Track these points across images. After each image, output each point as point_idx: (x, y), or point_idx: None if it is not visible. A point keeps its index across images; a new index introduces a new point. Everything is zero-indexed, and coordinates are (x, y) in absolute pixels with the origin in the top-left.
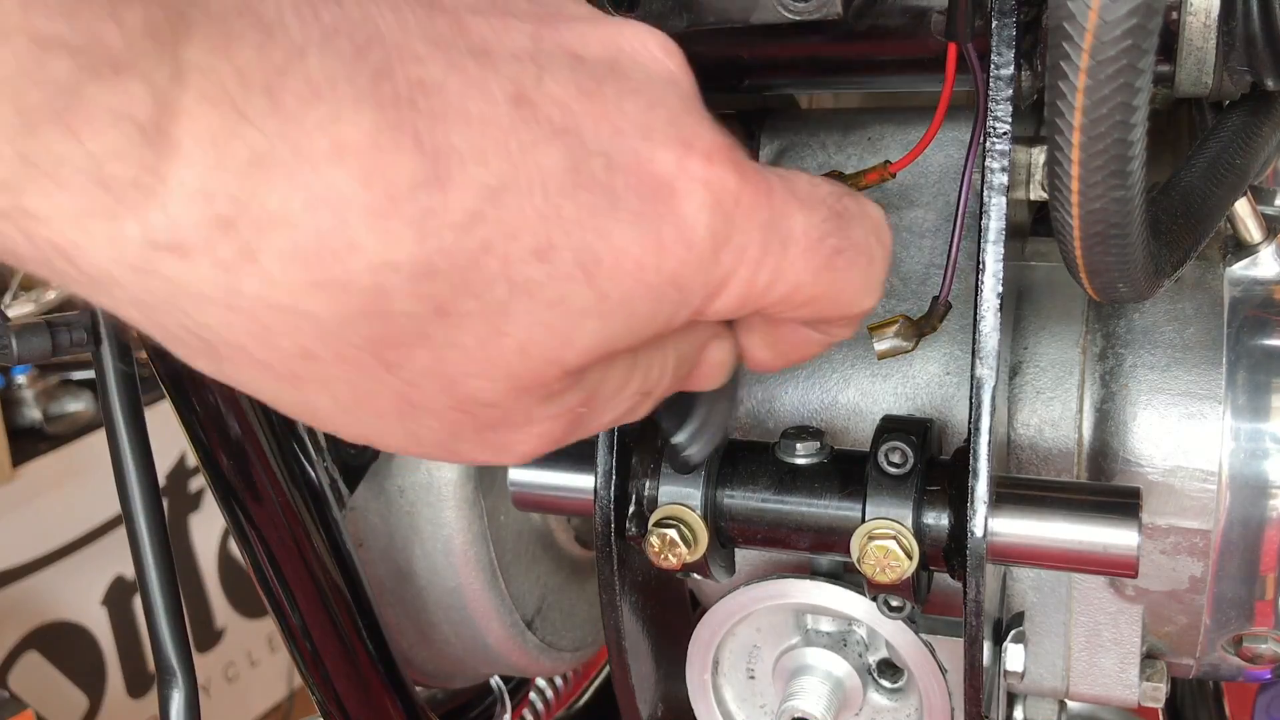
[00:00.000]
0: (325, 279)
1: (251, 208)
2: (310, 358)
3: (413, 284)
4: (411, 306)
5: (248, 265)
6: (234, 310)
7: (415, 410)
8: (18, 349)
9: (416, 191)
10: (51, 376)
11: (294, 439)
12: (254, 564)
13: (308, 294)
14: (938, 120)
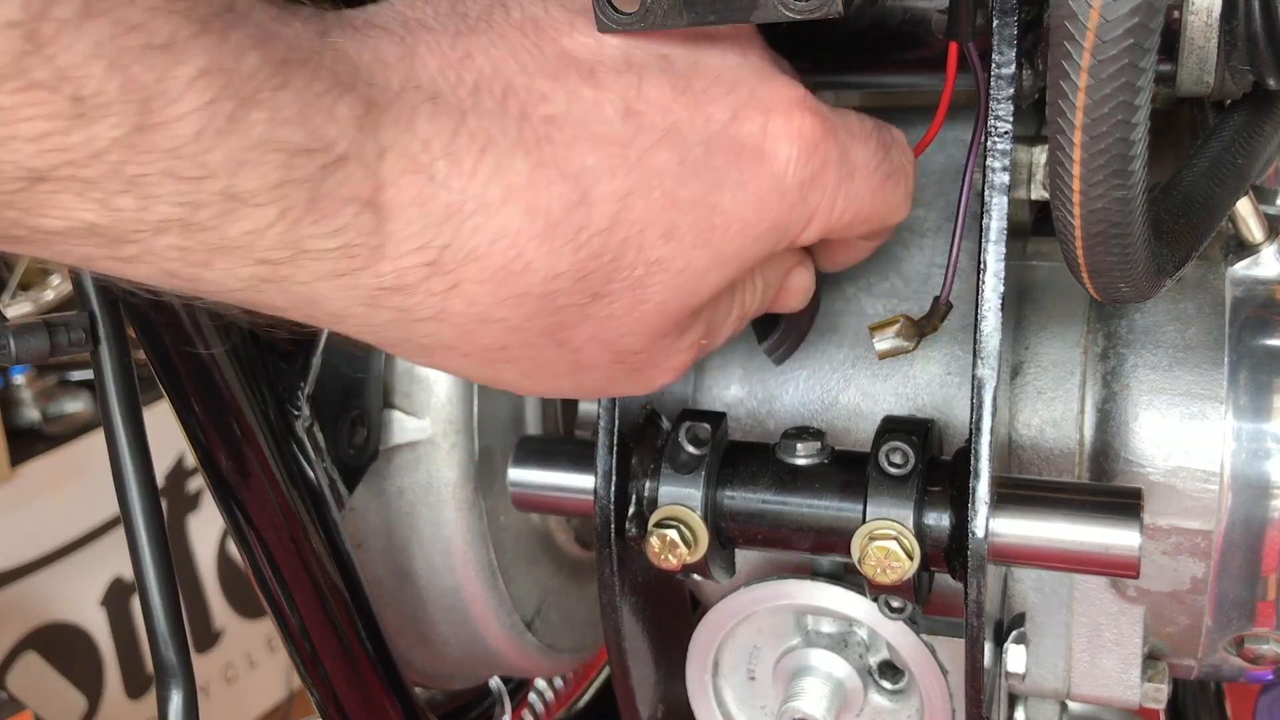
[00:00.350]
0: (510, 294)
1: (451, 249)
2: (502, 348)
3: (574, 284)
4: (575, 299)
5: (452, 291)
6: (443, 323)
7: (583, 369)
8: (16, 349)
9: (569, 214)
10: (50, 377)
11: (293, 439)
12: (253, 565)
13: (498, 306)
14: (939, 119)
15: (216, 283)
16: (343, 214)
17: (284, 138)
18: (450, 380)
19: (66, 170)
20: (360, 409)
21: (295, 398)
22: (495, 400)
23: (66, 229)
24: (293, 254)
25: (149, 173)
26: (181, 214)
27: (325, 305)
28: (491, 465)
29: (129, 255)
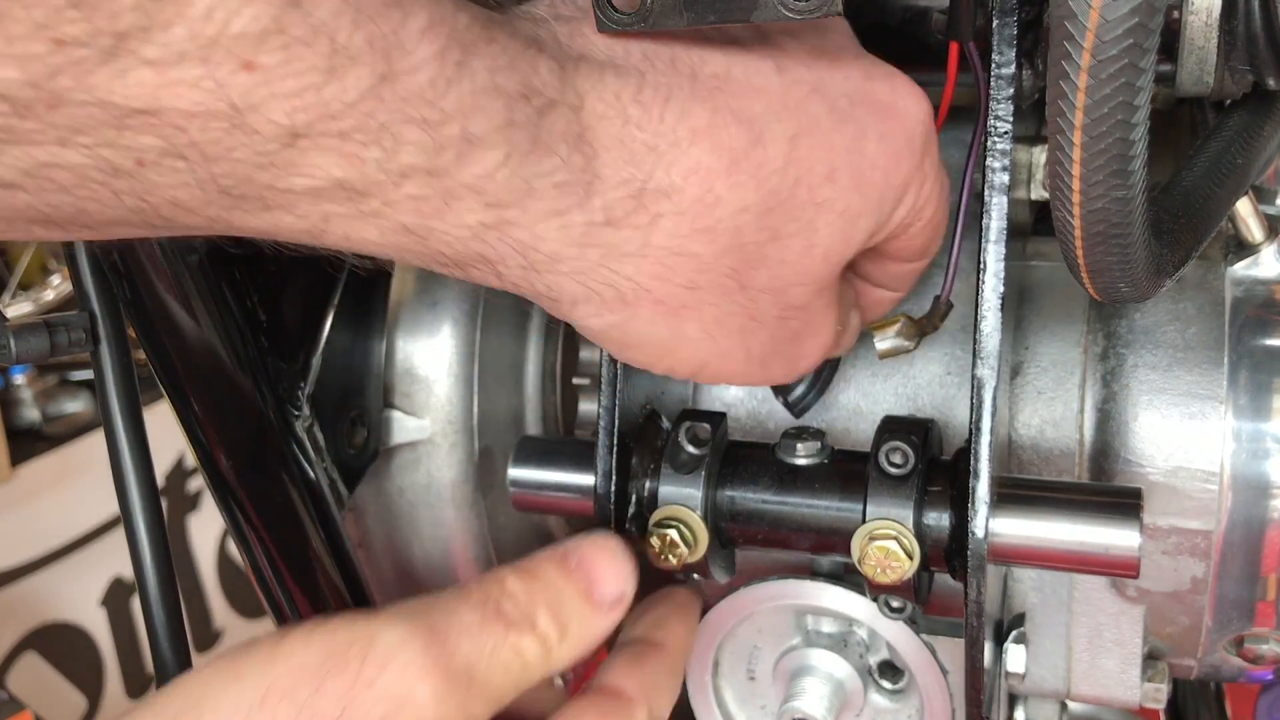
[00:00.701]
0: (703, 226)
1: (651, 184)
2: (694, 287)
3: (758, 219)
4: (758, 236)
5: (653, 225)
6: (645, 258)
7: (754, 324)
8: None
9: (748, 152)
10: (50, 377)
11: (293, 439)
12: (253, 565)
13: (693, 238)
14: (941, 118)
15: (445, 234)
16: (558, 152)
17: (502, 84)
18: (450, 380)
19: (321, 125)
20: (360, 409)
21: (295, 398)
22: (495, 400)
23: (314, 188)
24: (517, 195)
25: (394, 120)
26: (423, 160)
27: (541, 248)
28: (491, 465)
29: (370, 209)
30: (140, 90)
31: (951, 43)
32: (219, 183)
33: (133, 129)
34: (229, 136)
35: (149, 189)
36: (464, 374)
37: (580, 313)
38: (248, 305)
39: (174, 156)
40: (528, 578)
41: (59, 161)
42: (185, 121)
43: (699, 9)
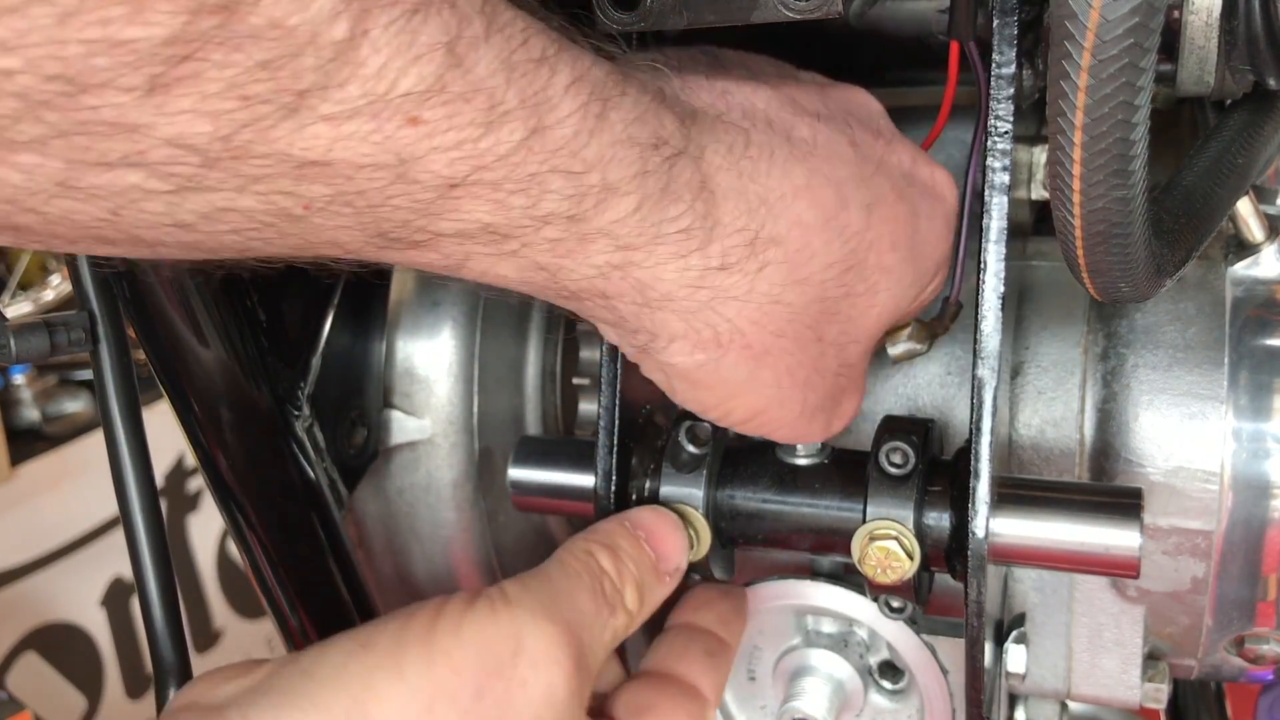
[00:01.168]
0: (798, 278)
1: (762, 234)
2: (780, 335)
3: (839, 276)
4: (836, 291)
5: (760, 273)
6: (746, 303)
7: (816, 377)
8: (16, 349)
9: (836, 213)
10: (50, 376)
11: (293, 439)
12: (253, 565)
13: (790, 288)
14: (943, 116)
15: (574, 272)
16: (684, 199)
17: (635, 134)
18: (450, 380)
19: (476, 175)
20: (360, 409)
21: (295, 398)
22: (495, 400)
23: (460, 230)
24: (646, 239)
25: (541, 171)
26: (564, 207)
27: (659, 287)
28: (491, 465)
29: (509, 250)
30: (316, 143)
31: (952, 42)
32: (379, 226)
33: (306, 179)
34: (392, 186)
35: (312, 231)
36: (464, 374)
37: (673, 350)
38: (248, 305)
39: (340, 203)
40: (614, 556)
41: (234, 206)
42: (354, 172)
43: (698, 9)
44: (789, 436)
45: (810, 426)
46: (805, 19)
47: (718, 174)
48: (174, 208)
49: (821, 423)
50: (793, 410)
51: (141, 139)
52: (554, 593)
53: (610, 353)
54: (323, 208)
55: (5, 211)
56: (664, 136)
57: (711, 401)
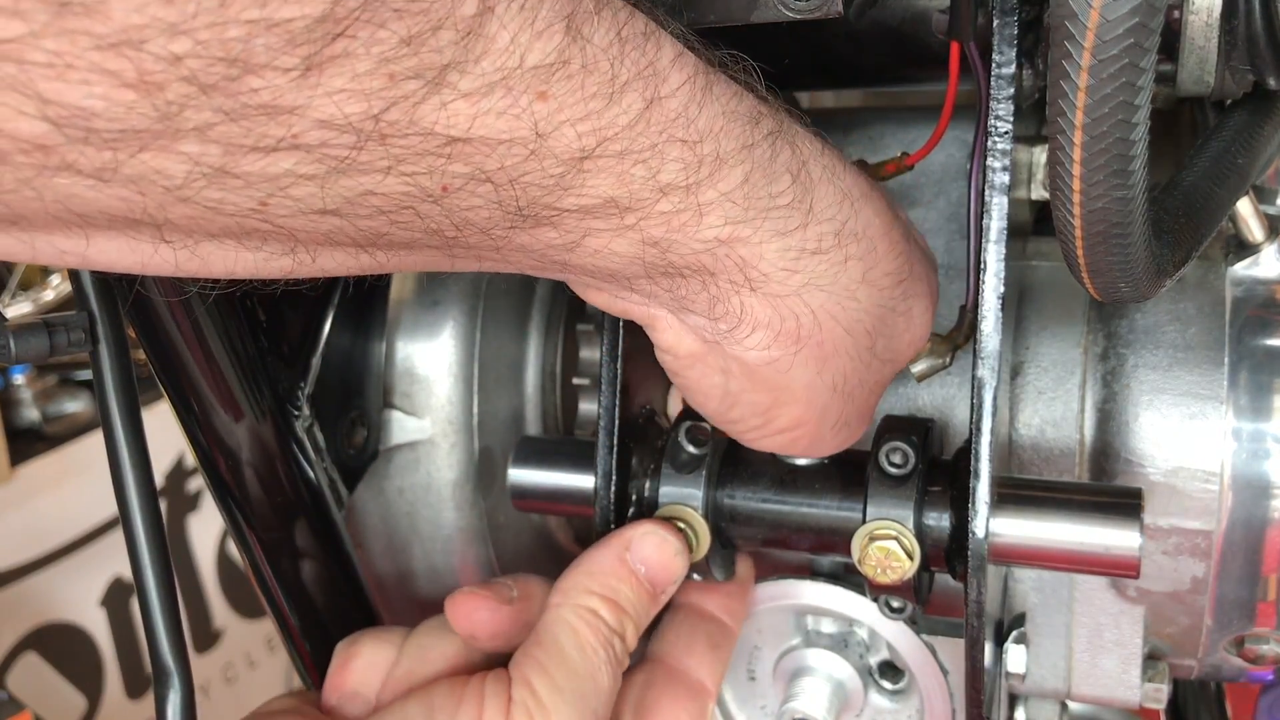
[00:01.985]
0: (870, 278)
1: (847, 227)
2: (850, 334)
3: (893, 286)
4: (890, 303)
5: (845, 264)
6: (830, 295)
7: (860, 390)
8: (15, 349)
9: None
10: (50, 377)
11: (293, 439)
12: (252, 565)
13: (863, 286)
14: (945, 115)
15: (684, 246)
16: (786, 178)
17: (738, 109)
18: (450, 380)
19: (603, 147)
20: (360, 409)
21: (295, 398)
22: (495, 400)
23: (583, 205)
24: (755, 212)
25: (660, 141)
26: (681, 176)
27: (758, 266)
28: (491, 465)
29: (628, 224)
30: (458, 120)
31: (952, 43)
32: (516, 203)
33: (448, 157)
34: (526, 162)
35: (449, 212)
36: (464, 374)
37: (752, 340)
38: (248, 305)
39: (479, 181)
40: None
41: (379, 189)
42: (492, 149)
43: (699, 9)
44: (807, 449)
45: (831, 441)
46: (805, 19)
47: (811, 161)
48: (323, 191)
49: (842, 439)
50: (829, 422)
51: (297, 121)
52: (579, 682)
53: (610, 352)
54: (460, 187)
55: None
56: (762, 114)
57: (763, 405)
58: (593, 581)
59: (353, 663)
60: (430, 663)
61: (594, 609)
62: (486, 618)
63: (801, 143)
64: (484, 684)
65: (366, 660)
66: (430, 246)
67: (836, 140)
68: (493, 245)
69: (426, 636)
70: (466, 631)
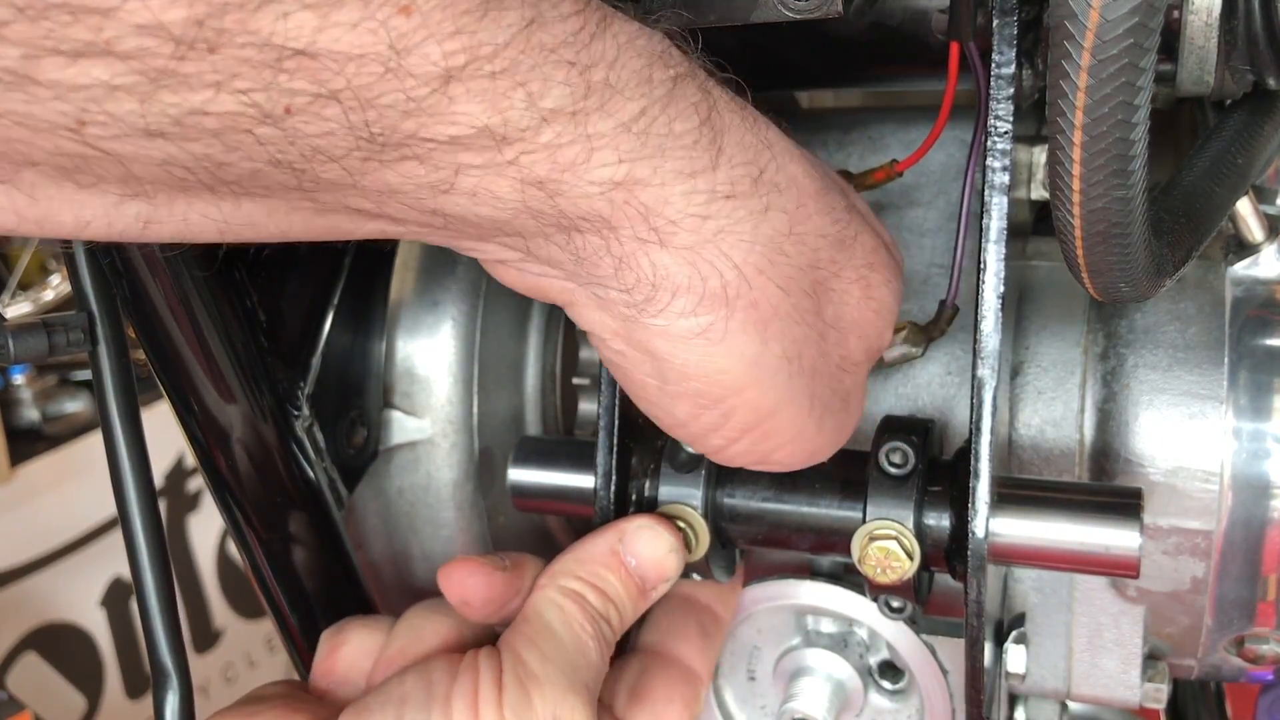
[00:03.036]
0: (798, 232)
1: (765, 175)
2: (785, 291)
3: (830, 251)
4: (830, 267)
5: (765, 213)
6: (752, 245)
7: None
8: (15, 349)
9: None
10: (49, 377)
11: (293, 439)
12: (253, 565)
13: (790, 240)
14: (942, 118)
15: (574, 189)
16: (692, 117)
17: (641, 47)
18: (450, 380)
19: (473, 67)
20: (360, 409)
21: (295, 398)
22: (495, 400)
23: (455, 136)
24: (652, 150)
25: (543, 62)
26: (568, 103)
27: (663, 213)
28: (491, 465)
29: (506, 159)
30: (300, 32)
31: (952, 43)
32: (368, 129)
33: (288, 72)
34: (382, 81)
35: (293, 136)
36: (464, 374)
37: (675, 308)
38: (248, 305)
39: (325, 100)
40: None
41: (211, 109)
42: (341, 65)
43: (699, 9)
44: (787, 457)
45: (822, 432)
46: (805, 18)
47: (725, 110)
48: (146, 108)
49: (829, 431)
50: (802, 409)
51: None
52: (568, 656)
53: None
54: (304, 107)
55: None
56: (670, 57)
57: (711, 395)
58: (581, 568)
59: (341, 649)
60: (423, 641)
61: (579, 592)
62: (480, 583)
63: (715, 90)
64: (478, 658)
65: (355, 645)
66: (289, 188)
67: (836, 140)
68: (351, 183)
69: (418, 617)
70: (459, 598)
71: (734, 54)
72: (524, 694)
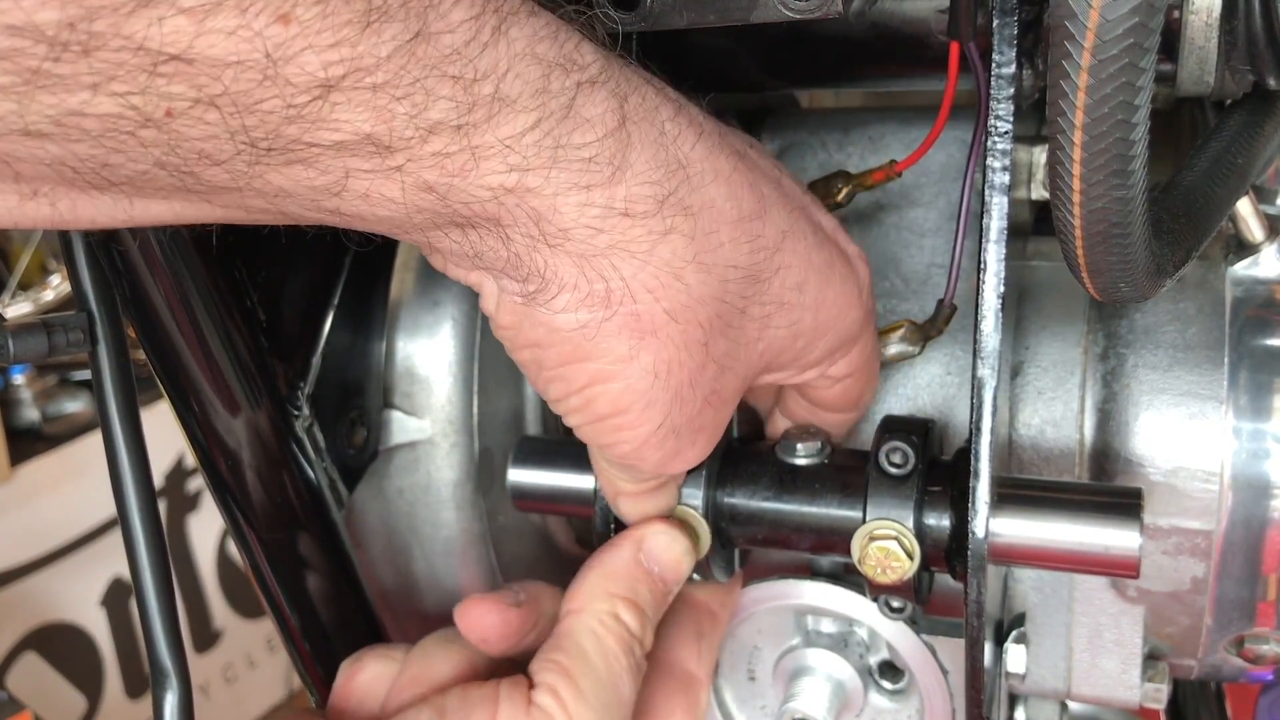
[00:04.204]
0: (704, 261)
1: (673, 199)
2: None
3: (740, 286)
4: (736, 302)
5: (666, 237)
6: (645, 265)
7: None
8: (15, 349)
9: (752, 219)
10: (50, 377)
11: (293, 439)
12: (253, 565)
13: (692, 268)
14: (942, 118)
15: (464, 193)
16: (592, 130)
17: (541, 52)
18: (450, 380)
19: (353, 79)
20: (360, 409)
21: (295, 398)
22: (495, 400)
23: (339, 142)
24: (543, 162)
25: (427, 76)
26: (453, 116)
27: (555, 221)
28: (491, 465)
29: (393, 165)
30: (177, 37)
31: (952, 43)
32: (249, 134)
33: (165, 76)
34: (261, 88)
35: (176, 140)
36: (464, 374)
37: (559, 302)
38: (248, 305)
39: (205, 105)
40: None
41: (89, 110)
42: (219, 71)
43: (699, 9)
44: (628, 453)
45: (657, 450)
46: (805, 18)
47: (639, 122)
48: (23, 108)
49: (669, 450)
50: (653, 419)
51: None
52: (603, 690)
53: None
54: (185, 111)
55: None
56: (578, 62)
57: (578, 382)
58: (611, 584)
59: (357, 676)
60: (437, 670)
61: (616, 613)
62: (496, 620)
63: (636, 103)
64: (499, 689)
65: (371, 673)
66: (182, 190)
67: (836, 140)
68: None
69: (432, 644)
70: (477, 636)
71: (733, 54)
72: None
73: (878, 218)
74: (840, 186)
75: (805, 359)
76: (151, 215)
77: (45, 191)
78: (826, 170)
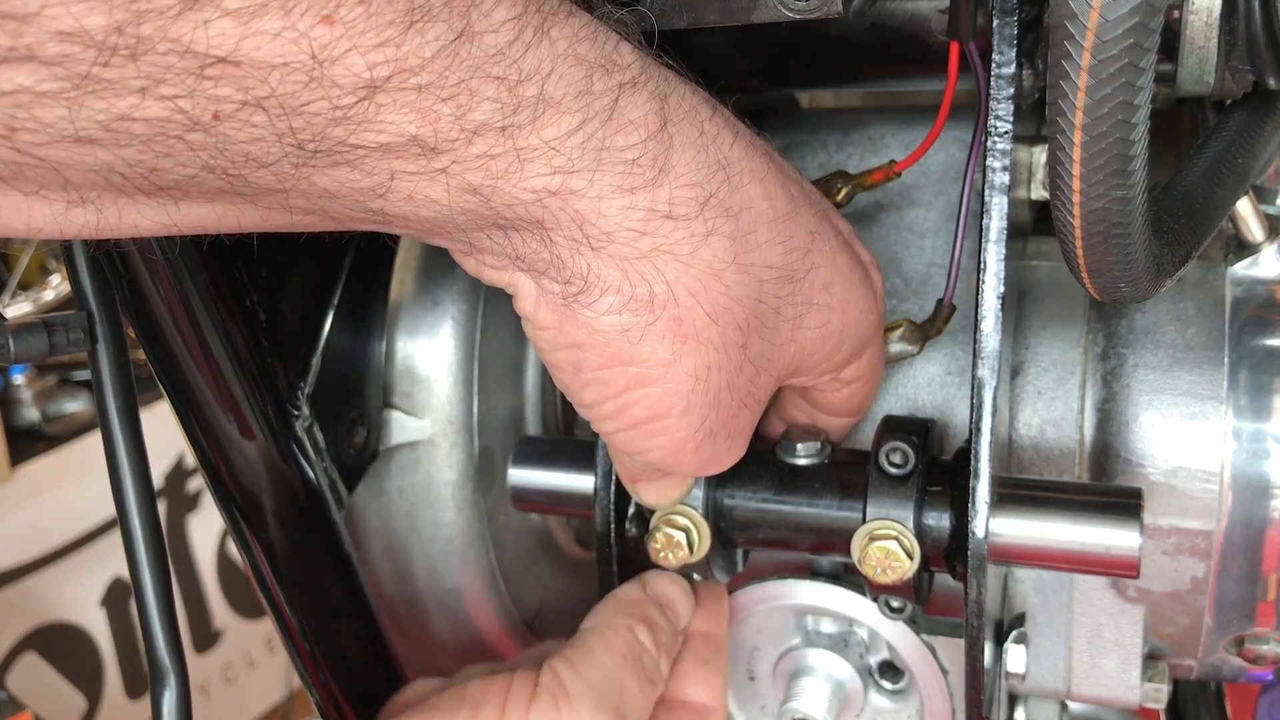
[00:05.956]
0: (743, 262)
1: (714, 200)
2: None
3: (775, 286)
4: (771, 302)
5: (707, 238)
6: (688, 268)
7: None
8: (15, 349)
9: (786, 220)
10: (49, 377)
11: (293, 439)
12: (253, 565)
13: (732, 269)
14: (941, 119)
15: (508, 195)
16: (635, 132)
17: (583, 53)
18: (450, 380)
19: (399, 79)
20: (360, 409)
21: (295, 398)
22: (495, 400)
23: (385, 144)
24: (587, 164)
25: (471, 76)
26: (497, 118)
27: (598, 225)
28: (491, 465)
29: (438, 168)
30: (222, 40)
31: (952, 43)
32: (295, 136)
33: (212, 78)
34: (307, 90)
35: (224, 143)
36: (464, 374)
37: (602, 304)
38: (248, 305)
39: (252, 108)
40: (651, 631)
41: (138, 114)
42: (265, 73)
43: (699, 9)
44: (662, 458)
45: (693, 455)
46: (805, 19)
47: (680, 123)
48: (73, 114)
49: (706, 455)
50: (691, 424)
51: (29, 30)
52: (605, 679)
53: None
54: (232, 114)
55: None
56: (619, 63)
57: (617, 386)
58: (624, 606)
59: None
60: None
61: (629, 626)
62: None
63: (673, 100)
64: (512, 676)
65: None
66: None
67: (836, 140)
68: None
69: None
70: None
71: (733, 54)
72: (553, 707)
73: (878, 218)
74: (840, 186)
75: (831, 361)
76: (194, 220)
77: (92, 199)
78: (826, 170)
